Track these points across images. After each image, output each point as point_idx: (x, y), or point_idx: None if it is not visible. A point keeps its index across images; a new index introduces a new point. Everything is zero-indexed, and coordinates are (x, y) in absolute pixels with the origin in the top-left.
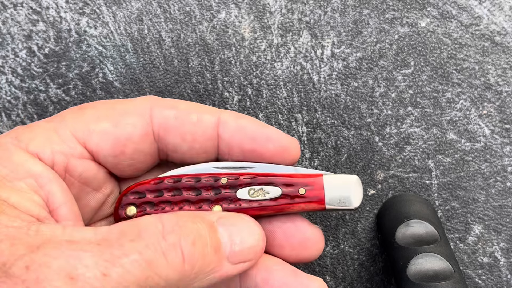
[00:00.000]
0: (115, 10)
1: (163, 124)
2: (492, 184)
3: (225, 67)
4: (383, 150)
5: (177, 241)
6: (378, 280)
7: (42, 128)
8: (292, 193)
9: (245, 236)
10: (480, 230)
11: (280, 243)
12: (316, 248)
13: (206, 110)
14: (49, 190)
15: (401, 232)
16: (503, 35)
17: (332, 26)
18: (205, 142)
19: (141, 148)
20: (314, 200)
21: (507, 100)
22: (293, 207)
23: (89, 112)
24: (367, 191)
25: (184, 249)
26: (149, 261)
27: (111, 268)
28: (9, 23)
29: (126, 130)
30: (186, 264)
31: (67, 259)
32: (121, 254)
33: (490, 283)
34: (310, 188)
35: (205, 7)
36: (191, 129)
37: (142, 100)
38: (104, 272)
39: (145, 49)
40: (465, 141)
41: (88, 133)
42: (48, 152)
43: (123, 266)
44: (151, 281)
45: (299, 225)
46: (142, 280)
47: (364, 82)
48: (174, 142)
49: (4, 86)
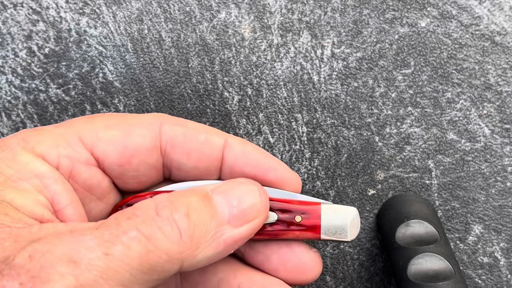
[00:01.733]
0: (115, 10)
1: (171, 140)
2: (492, 184)
3: (225, 67)
4: (383, 150)
5: (170, 215)
6: (378, 280)
7: (50, 132)
8: (288, 219)
9: (243, 196)
10: (480, 230)
11: (275, 267)
12: (312, 273)
13: (214, 132)
14: (54, 190)
15: (401, 232)
16: (503, 35)
17: (332, 26)
18: (209, 163)
19: (148, 160)
20: (309, 229)
21: (507, 100)
22: (288, 234)
23: (98, 120)
24: (367, 191)
25: (178, 223)
26: (147, 236)
27: (112, 247)
28: (9, 23)
29: (134, 140)
30: (184, 236)
31: (69, 244)
32: (119, 232)
33: (490, 283)
34: (306, 216)
35: (205, 7)
36: (198, 148)
37: (152, 115)
38: (106, 252)
39: (145, 49)
40: (465, 141)
41: (96, 140)
42: (54, 155)
43: (123, 243)
44: (152, 256)
45: (296, 250)
46: (144, 255)
47: (364, 82)
48: (179, 159)
49: (4, 86)
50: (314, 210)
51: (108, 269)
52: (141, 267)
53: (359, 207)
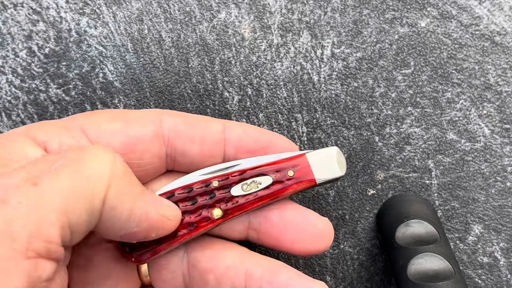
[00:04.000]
0: (115, 10)
1: (173, 128)
2: (492, 184)
3: (225, 67)
4: (383, 150)
5: (105, 148)
6: (378, 280)
7: (53, 124)
8: (283, 177)
9: (164, 199)
10: (480, 230)
11: (292, 238)
12: (327, 240)
13: (212, 119)
14: None
15: (401, 232)
16: (503, 35)
17: (332, 26)
18: (213, 144)
19: (151, 148)
20: (304, 178)
21: (507, 100)
22: (287, 190)
23: (101, 115)
24: (367, 191)
25: (114, 153)
26: (76, 159)
27: (39, 177)
28: (9, 23)
29: (137, 129)
30: (117, 161)
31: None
32: (47, 165)
33: (490, 283)
34: (297, 169)
35: (205, 7)
36: (200, 133)
37: (153, 110)
38: (34, 182)
39: (145, 49)
40: (465, 141)
41: (99, 132)
42: (55, 143)
43: (50, 172)
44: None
45: (309, 218)
46: (72, 176)
47: (364, 82)
48: (183, 145)
49: (4, 86)
50: (301, 161)
51: (37, 197)
52: (70, 189)
53: (359, 207)
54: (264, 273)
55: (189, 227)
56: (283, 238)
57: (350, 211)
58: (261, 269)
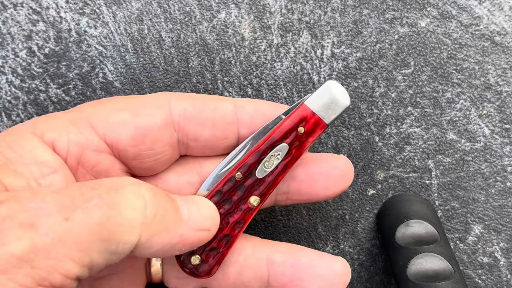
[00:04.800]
0: (115, 10)
1: (182, 113)
2: (492, 184)
3: (225, 67)
4: (383, 150)
5: (138, 189)
6: (378, 280)
7: (60, 118)
8: (296, 137)
9: (201, 207)
10: (480, 230)
11: (323, 186)
12: (351, 174)
13: (221, 98)
14: (51, 180)
15: (401, 232)
16: (503, 35)
17: (332, 26)
18: (225, 126)
19: (161, 137)
20: (315, 127)
21: (507, 100)
22: (306, 145)
23: (108, 105)
24: (367, 191)
25: (145, 196)
26: (110, 203)
27: (72, 212)
28: (9, 23)
29: (146, 119)
30: (148, 208)
31: (30, 210)
32: (82, 200)
33: (490, 283)
34: (305, 122)
35: (205, 7)
36: (211, 115)
37: (159, 94)
38: (66, 217)
39: (145, 49)
40: (465, 141)
41: (107, 125)
42: (64, 142)
43: (84, 209)
44: (113, 221)
45: (331, 162)
46: (104, 220)
47: (364, 82)
48: (195, 130)
49: (4, 86)
50: (304, 112)
51: (66, 233)
52: (100, 232)
53: (359, 207)
54: (285, 257)
55: (237, 225)
56: (314, 189)
57: (350, 211)
58: (281, 255)
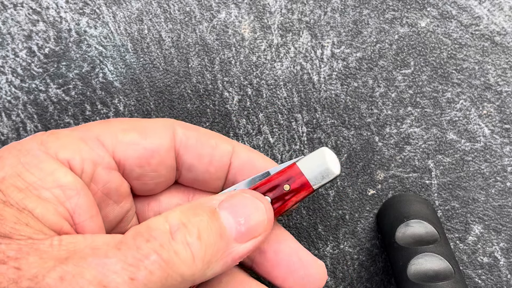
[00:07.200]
0: (115, 10)
1: (184, 142)
2: (492, 184)
3: (225, 67)
4: (383, 150)
5: (184, 239)
6: (378, 280)
7: (69, 136)
8: (280, 193)
9: (250, 213)
10: (480, 230)
11: (283, 276)
12: (319, 283)
13: (224, 138)
14: (76, 203)
15: (401, 232)
16: (503, 35)
17: (332, 26)
18: (218, 167)
19: (165, 161)
20: (300, 189)
21: (507, 100)
22: (287, 204)
23: (115, 124)
24: (367, 191)
25: (191, 246)
26: (166, 261)
27: (136, 271)
28: (9, 23)
29: (153, 142)
30: (196, 260)
31: (96, 267)
32: (141, 256)
33: (490, 283)
34: (291, 181)
35: (205, 7)
36: (210, 152)
37: (165, 119)
38: (131, 276)
39: (145, 49)
40: (465, 141)
41: (117, 143)
42: (78, 160)
43: (146, 268)
44: (171, 279)
45: (303, 260)
46: (163, 279)
47: (364, 82)
48: (191, 161)
49: (4, 86)
50: (293, 172)
51: None
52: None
53: (359, 207)
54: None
55: None
56: (275, 274)
57: (350, 211)
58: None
